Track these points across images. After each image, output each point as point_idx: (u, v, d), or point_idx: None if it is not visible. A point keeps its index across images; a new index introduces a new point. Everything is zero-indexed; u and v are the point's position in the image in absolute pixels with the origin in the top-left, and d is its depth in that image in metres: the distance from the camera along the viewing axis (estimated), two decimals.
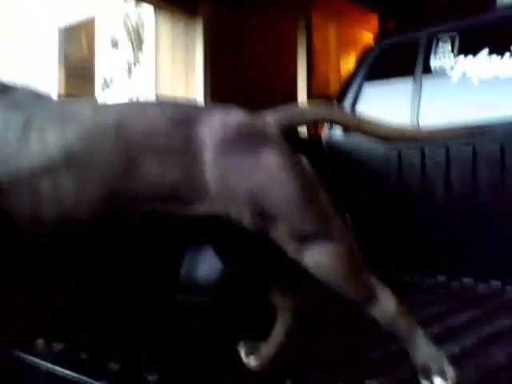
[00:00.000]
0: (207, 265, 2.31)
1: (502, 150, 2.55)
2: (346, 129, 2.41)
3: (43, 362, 1.50)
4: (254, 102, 1.66)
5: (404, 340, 1.28)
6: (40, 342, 1.64)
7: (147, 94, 5.25)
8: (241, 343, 1.53)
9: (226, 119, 1.30)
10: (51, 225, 1.26)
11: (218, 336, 1.82)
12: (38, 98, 1.34)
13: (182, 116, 1.30)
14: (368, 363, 1.46)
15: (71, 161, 1.23)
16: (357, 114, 1.65)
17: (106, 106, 1.39)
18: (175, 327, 1.92)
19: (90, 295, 1.97)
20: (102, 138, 1.26)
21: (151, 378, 1.31)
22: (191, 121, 1.28)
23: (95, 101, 1.50)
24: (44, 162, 1.23)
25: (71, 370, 1.41)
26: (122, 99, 1.42)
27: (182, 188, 1.26)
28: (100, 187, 1.24)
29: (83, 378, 1.37)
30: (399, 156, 2.88)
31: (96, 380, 1.33)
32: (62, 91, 6.72)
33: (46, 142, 1.24)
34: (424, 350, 1.26)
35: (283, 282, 1.52)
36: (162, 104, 1.39)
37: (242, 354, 1.51)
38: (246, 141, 1.28)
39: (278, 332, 1.50)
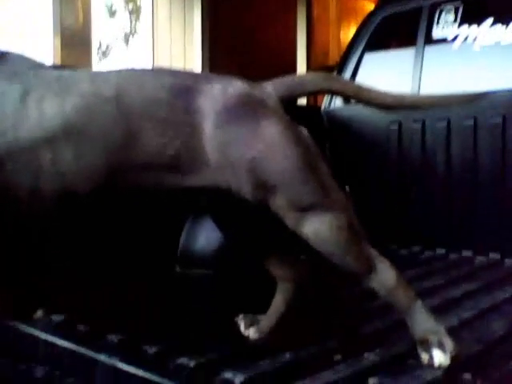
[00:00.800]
0: (206, 237, 2.30)
1: (504, 122, 2.52)
2: (346, 99, 2.38)
3: (43, 333, 1.50)
4: (252, 71, 1.63)
5: (402, 312, 1.29)
6: (39, 314, 1.64)
7: (144, 64, 5.19)
8: (240, 315, 1.54)
9: (226, 89, 1.29)
10: (51, 198, 1.25)
11: (216, 308, 1.82)
12: (36, 67, 1.32)
13: (181, 86, 1.28)
14: (366, 336, 1.46)
15: (70, 132, 1.22)
16: (356, 84, 1.62)
17: (104, 76, 1.36)
18: (174, 300, 1.92)
19: (90, 267, 1.96)
20: (101, 108, 1.24)
21: (150, 350, 1.31)
22: (191, 91, 1.27)
23: (93, 71, 1.48)
24: (43, 133, 1.21)
25: (70, 342, 1.41)
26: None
27: (181, 159, 1.25)
28: (100, 159, 1.23)
29: (82, 349, 1.37)
30: (399, 128, 2.85)
31: (95, 352, 1.33)
32: (58, 60, 6.62)
33: (45, 113, 1.22)
34: (423, 322, 1.27)
35: (282, 253, 1.52)
36: (161, 74, 1.36)
37: (242, 326, 1.52)
38: (245, 111, 1.27)
39: (278, 304, 1.51)
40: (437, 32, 2.88)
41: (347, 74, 3.13)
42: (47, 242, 1.73)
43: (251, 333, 1.49)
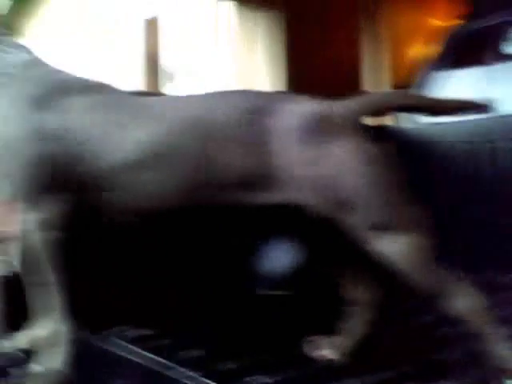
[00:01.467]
0: (284, 258, 2.31)
1: None
2: (425, 112, 2.31)
3: (118, 348, 1.55)
4: (331, 89, 1.64)
5: (483, 339, 1.24)
6: (118, 329, 1.71)
7: (226, 87, 5.30)
8: (317, 336, 1.54)
9: (300, 109, 1.32)
10: (141, 213, 1.33)
11: (294, 329, 1.81)
12: (127, 96, 1.41)
13: (256, 106, 1.32)
14: (443, 362, 1.42)
15: (157, 154, 1.29)
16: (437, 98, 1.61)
17: (185, 100, 1.44)
18: (252, 319, 1.93)
19: (168, 285, 2.01)
20: (183, 131, 1.31)
21: (227, 366, 1.32)
22: (266, 111, 1.30)
23: (175, 95, 1.55)
24: (134, 156, 1.29)
25: (146, 356, 1.46)
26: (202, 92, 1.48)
27: (257, 177, 1.29)
28: (184, 178, 1.30)
29: (158, 364, 1.41)
30: (471, 147, 2.77)
31: (171, 367, 1.36)
32: (145, 84, 6.85)
33: (136, 138, 1.30)
34: (505, 349, 1.22)
35: (358, 275, 1.51)
36: (237, 95, 1.41)
37: (319, 347, 1.51)
38: (318, 129, 1.29)
39: (353, 326, 1.50)
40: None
41: (427, 92, 3.07)
42: (131, 258, 1.81)
43: (328, 354, 1.49)
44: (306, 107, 1.33)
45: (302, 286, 2.17)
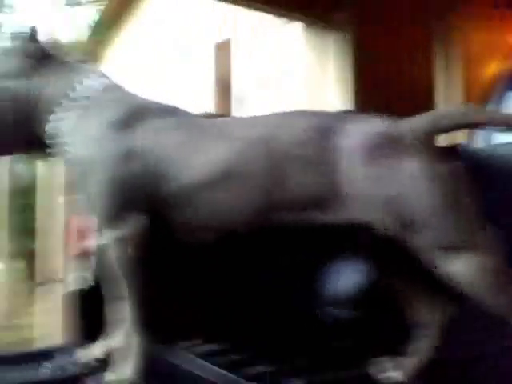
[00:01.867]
0: (349, 277, 2.29)
1: None
2: (497, 128, 2.24)
3: (191, 362, 1.61)
4: (398, 108, 1.63)
5: None
6: (191, 343, 1.76)
7: (296, 108, 5.33)
8: (384, 357, 1.52)
9: (366, 128, 1.33)
10: (211, 230, 1.39)
11: (360, 349, 1.80)
12: (197, 119, 1.48)
13: (322, 126, 1.34)
14: None
15: (227, 174, 1.34)
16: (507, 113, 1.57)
17: (253, 121, 1.49)
18: (316, 338, 1.93)
19: (238, 301, 2.05)
20: (252, 151, 1.35)
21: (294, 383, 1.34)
22: (331, 131, 1.32)
23: (245, 117, 1.61)
24: (205, 176, 1.35)
25: (219, 370, 1.50)
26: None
27: (323, 196, 1.30)
28: (251, 197, 1.34)
29: (231, 378, 1.45)
30: None
31: (244, 380, 1.40)
32: (216, 107, 7.03)
33: (206, 158, 1.36)
34: None
35: (425, 296, 1.49)
36: (303, 115, 1.44)
37: (386, 368, 1.50)
38: (386, 148, 1.29)
39: (421, 348, 1.47)
40: None
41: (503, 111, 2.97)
42: (202, 274, 1.86)
43: (394, 376, 1.47)
44: (372, 126, 1.34)
45: (368, 306, 2.14)
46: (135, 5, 9.26)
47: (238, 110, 6.32)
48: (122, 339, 1.40)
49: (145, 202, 1.36)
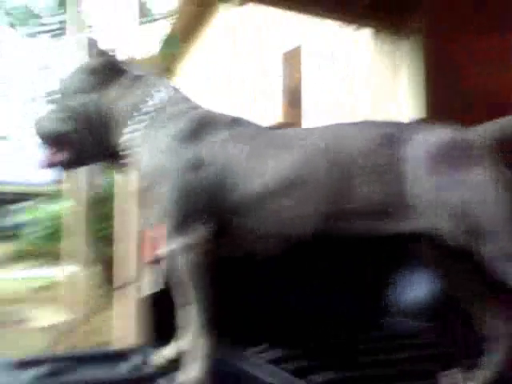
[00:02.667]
0: (416, 288, 2.26)
1: None
2: None
3: (255, 368, 1.63)
4: (472, 117, 1.60)
5: None
6: (256, 349, 1.79)
7: (362, 118, 5.29)
8: (455, 369, 1.50)
9: (432, 136, 1.33)
10: (274, 239, 1.42)
11: (427, 361, 1.77)
12: (262, 130, 1.51)
13: (388, 136, 1.35)
14: None
15: (290, 183, 1.37)
16: None
17: (318, 131, 1.50)
18: (385, 349, 1.91)
19: (305, 309, 2.06)
20: (316, 160, 1.37)
21: None
22: (397, 140, 1.33)
23: (309, 127, 1.63)
24: (269, 185, 1.38)
25: (284, 376, 1.52)
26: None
27: (388, 205, 1.31)
28: (315, 206, 1.36)
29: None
30: None
31: None
32: (283, 116, 7.06)
33: (270, 168, 1.39)
34: None
35: (495, 308, 1.45)
36: (368, 125, 1.45)
37: (457, 380, 1.47)
38: (453, 157, 1.29)
39: (490, 361, 1.44)
40: None
41: None
42: (268, 280, 1.89)
43: None
44: (439, 135, 1.33)
45: (436, 317, 2.10)
46: (206, 18, 9.47)
47: (309, 119, 6.32)
48: (191, 342, 1.45)
49: (211, 211, 1.40)
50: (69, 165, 1.64)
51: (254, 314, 1.91)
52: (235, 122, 1.50)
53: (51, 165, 1.61)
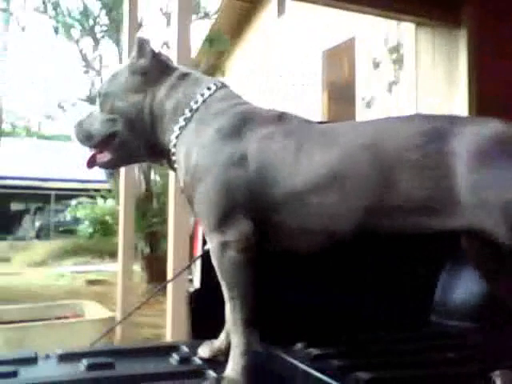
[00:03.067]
0: (464, 287, 2.22)
1: None
2: None
3: (300, 363, 1.64)
4: None
5: None
6: (299, 346, 1.79)
7: (408, 112, 5.23)
8: (497, 372, 1.46)
9: (481, 131, 1.29)
10: (315, 235, 1.42)
11: (470, 362, 1.74)
12: (306, 125, 1.51)
13: (434, 129, 1.32)
14: None
15: (334, 178, 1.36)
16: None
17: (362, 126, 1.49)
18: (424, 349, 1.89)
19: (344, 307, 2.06)
20: (359, 156, 1.36)
21: None
22: (444, 134, 1.30)
23: (353, 122, 1.62)
24: (311, 180, 1.38)
25: (323, 374, 1.53)
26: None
27: (434, 201, 1.29)
28: (358, 202, 1.35)
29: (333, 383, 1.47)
30: None
31: None
32: (326, 113, 7.08)
33: (313, 163, 1.39)
34: None
35: None
36: (414, 119, 1.43)
37: (504, 382, 1.45)
38: (501, 151, 1.26)
39: None
40: None
41: None
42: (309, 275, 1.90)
43: None
44: (488, 128, 1.30)
45: (484, 317, 2.06)
46: (251, 16, 9.50)
47: (361, 114, 6.28)
48: (229, 339, 1.49)
49: (252, 207, 1.41)
50: (113, 165, 1.71)
51: (293, 312, 1.92)
52: (280, 117, 1.50)
53: (96, 165, 1.66)
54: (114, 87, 1.61)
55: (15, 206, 17.22)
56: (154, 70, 1.57)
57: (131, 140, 1.59)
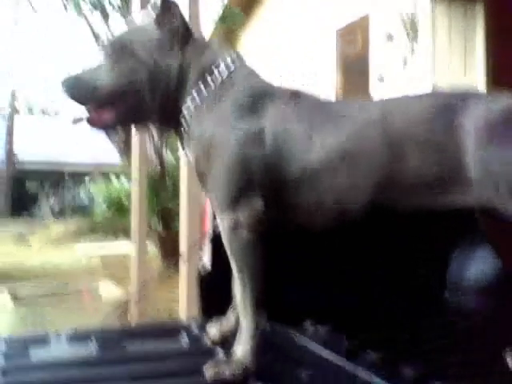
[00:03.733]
0: (478, 265, 2.19)
1: None
2: None
3: (310, 342, 1.64)
4: None
5: None
6: (308, 323, 1.79)
7: (423, 86, 5.15)
8: (508, 350, 1.45)
9: (490, 106, 1.28)
10: (328, 213, 1.41)
11: (483, 340, 1.73)
12: (319, 103, 1.49)
13: (443, 106, 1.31)
14: None
15: (345, 156, 1.35)
16: None
17: (371, 104, 1.48)
18: (439, 326, 1.87)
19: (357, 285, 2.04)
20: (369, 132, 1.35)
21: (407, 372, 1.32)
22: (453, 110, 1.29)
23: (363, 100, 1.59)
24: (324, 158, 1.37)
25: (333, 354, 1.52)
26: (398, 93, 1.51)
27: (444, 178, 1.28)
28: (369, 179, 1.34)
29: (344, 362, 1.46)
30: None
31: (354, 366, 1.41)
32: (339, 89, 7.01)
33: (325, 141, 1.38)
34: None
35: None
36: (424, 96, 1.42)
37: (509, 360, 1.43)
38: (510, 127, 1.23)
39: None
40: None
41: None
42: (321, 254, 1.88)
43: None
44: (498, 104, 1.27)
45: (497, 297, 2.03)
46: None
47: (377, 90, 6.20)
48: (238, 319, 1.47)
49: (267, 185, 1.40)
50: (122, 122, 1.59)
51: (302, 290, 1.91)
52: (295, 95, 1.49)
53: (101, 124, 1.54)
54: (139, 38, 1.51)
55: (30, 185, 17.38)
56: (183, 31, 1.50)
57: (148, 96, 1.49)
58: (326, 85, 7.02)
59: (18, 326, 3.67)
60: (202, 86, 1.48)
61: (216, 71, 1.49)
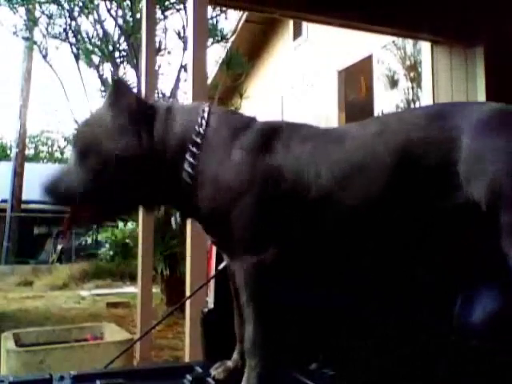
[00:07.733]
0: (484, 306, 2.18)
1: None
2: None
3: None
4: None
5: None
6: (314, 366, 1.77)
7: None
8: None
9: (481, 107, 1.37)
10: (340, 226, 1.42)
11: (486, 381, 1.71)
12: (320, 130, 1.53)
13: (437, 111, 1.40)
14: None
15: (351, 169, 1.39)
16: None
17: (369, 120, 1.53)
18: (445, 369, 1.85)
19: (363, 328, 2.03)
20: (369, 143, 1.40)
21: None
22: (447, 113, 1.36)
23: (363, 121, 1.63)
24: (332, 174, 1.39)
25: None
26: None
27: (441, 177, 1.31)
28: (373, 187, 1.36)
29: None
30: None
31: None
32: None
33: (330, 159, 1.41)
34: None
35: None
36: (417, 108, 1.50)
37: None
38: (500, 123, 1.30)
39: None
40: None
41: None
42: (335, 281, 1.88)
43: None
44: (487, 106, 1.36)
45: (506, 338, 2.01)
46: (267, 38, 9.59)
47: None
48: (240, 359, 1.47)
49: (289, 222, 1.40)
50: (101, 220, 1.61)
51: (305, 333, 1.89)
52: (299, 126, 1.52)
53: (77, 225, 1.56)
54: (98, 131, 1.45)
55: (38, 230, 17.42)
56: (139, 108, 1.46)
57: (128, 185, 1.45)
58: (329, 125, 7.12)
59: (22, 370, 3.64)
60: (195, 142, 1.45)
61: (204, 123, 1.47)
